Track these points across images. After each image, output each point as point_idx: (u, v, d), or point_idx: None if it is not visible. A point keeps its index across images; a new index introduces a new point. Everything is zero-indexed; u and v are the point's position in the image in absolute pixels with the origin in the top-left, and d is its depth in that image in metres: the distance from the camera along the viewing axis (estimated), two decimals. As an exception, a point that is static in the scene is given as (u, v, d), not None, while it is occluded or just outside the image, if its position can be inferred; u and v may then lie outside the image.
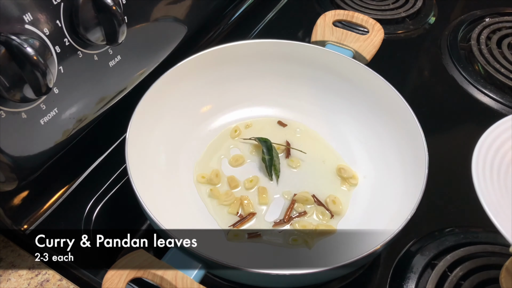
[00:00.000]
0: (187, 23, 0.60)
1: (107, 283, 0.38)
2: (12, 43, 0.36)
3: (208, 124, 0.61)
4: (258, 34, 0.76)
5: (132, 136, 0.49)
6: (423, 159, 0.48)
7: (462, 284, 0.46)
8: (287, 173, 0.56)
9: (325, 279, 0.47)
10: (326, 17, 0.65)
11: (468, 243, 0.49)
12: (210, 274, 0.45)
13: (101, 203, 0.53)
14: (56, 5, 0.41)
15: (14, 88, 0.37)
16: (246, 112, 0.62)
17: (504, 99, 0.65)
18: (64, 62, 0.43)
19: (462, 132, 0.65)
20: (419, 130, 0.50)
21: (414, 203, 0.44)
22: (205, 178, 0.55)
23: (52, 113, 0.44)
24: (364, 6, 0.80)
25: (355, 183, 0.55)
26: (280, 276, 0.40)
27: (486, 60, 0.69)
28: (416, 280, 0.47)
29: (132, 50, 0.52)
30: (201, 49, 0.58)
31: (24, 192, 0.48)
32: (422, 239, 0.51)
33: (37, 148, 0.45)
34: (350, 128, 0.59)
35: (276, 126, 0.62)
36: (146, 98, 0.52)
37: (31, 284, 0.46)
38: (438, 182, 0.48)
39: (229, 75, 0.61)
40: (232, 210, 0.52)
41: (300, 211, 0.53)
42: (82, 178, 0.54)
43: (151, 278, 0.39)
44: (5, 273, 0.46)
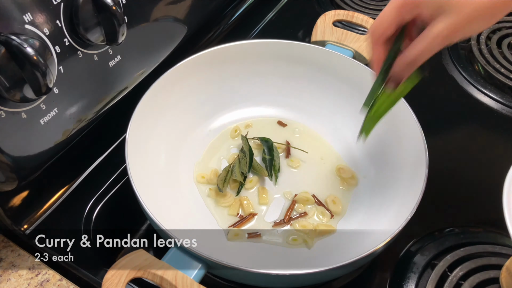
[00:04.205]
0: (187, 23, 0.60)
1: (107, 283, 0.38)
2: (12, 43, 0.36)
3: (208, 124, 0.61)
4: (258, 34, 0.76)
5: (132, 136, 0.49)
6: (423, 159, 0.48)
7: (462, 284, 0.46)
8: (287, 173, 0.56)
9: (325, 279, 0.47)
10: (326, 17, 0.65)
11: (468, 243, 0.49)
12: (210, 274, 0.45)
13: (101, 203, 0.53)
14: (56, 5, 0.41)
15: (14, 88, 0.37)
16: (246, 112, 0.62)
17: (504, 99, 0.65)
18: (64, 62, 0.43)
19: (462, 132, 0.65)
20: (419, 130, 0.50)
21: (414, 203, 0.44)
22: (205, 178, 0.55)
23: (52, 113, 0.44)
24: (364, 6, 0.79)
25: (355, 183, 0.55)
26: (280, 276, 0.40)
27: (486, 60, 0.69)
28: (416, 280, 0.47)
29: (132, 50, 0.52)
30: (201, 49, 0.58)
31: (24, 192, 0.48)
32: (422, 239, 0.51)
33: (37, 148, 0.45)
34: (350, 128, 0.59)
35: (276, 126, 0.62)
36: (146, 98, 0.52)
37: (31, 284, 0.46)
38: (438, 182, 0.48)
39: (229, 75, 0.61)
40: (232, 211, 0.52)
41: (300, 211, 0.53)
42: (82, 178, 0.54)
43: (151, 278, 0.39)
44: (5, 273, 0.46)
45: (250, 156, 0.55)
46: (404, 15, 0.39)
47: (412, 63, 0.39)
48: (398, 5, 0.39)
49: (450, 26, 0.36)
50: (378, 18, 0.40)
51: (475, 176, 0.41)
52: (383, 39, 0.41)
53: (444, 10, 0.36)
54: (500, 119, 0.64)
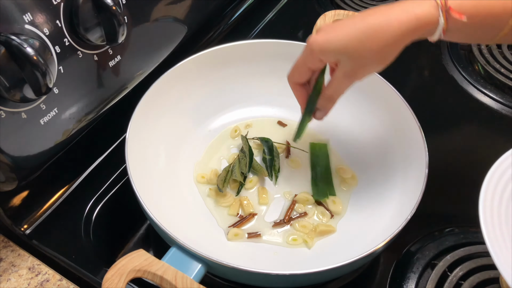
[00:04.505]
0: (187, 23, 0.60)
1: (107, 283, 0.38)
2: (12, 43, 0.36)
3: (208, 124, 0.61)
4: (258, 34, 0.76)
5: (132, 136, 0.49)
6: (423, 159, 0.48)
7: (462, 284, 0.46)
8: (287, 173, 0.56)
9: (325, 279, 0.47)
10: (326, 17, 0.65)
11: (468, 243, 0.49)
12: (210, 274, 0.45)
13: (101, 203, 0.53)
14: (56, 5, 0.41)
15: (14, 88, 0.37)
16: (246, 112, 0.62)
17: (504, 99, 0.65)
18: (64, 62, 0.43)
19: (462, 132, 0.65)
20: (419, 130, 0.50)
21: (414, 203, 0.44)
22: (205, 178, 0.55)
23: (52, 113, 0.44)
24: (364, 6, 0.79)
25: (355, 183, 0.55)
26: (280, 276, 0.40)
27: (486, 60, 0.69)
28: (416, 280, 0.47)
29: (132, 50, 0.52)
30: (201, 49, 0.58)
31: (24, 192, 0.48)
32: (422, 239, 0.51)
33: (37, 148, 0.45)
34: (350, 128, 0.59)
35: (276, 126, 0.62)
36: (146, 98, 0.52)
37: (31, 284, 0.46)
38: (438, 182, 0.48)
39: (229, 75, 0.61)
40: (232, 211, 0.52)
41: (300, 212, 0.53)
42: (82, 178, 0.54)
43: (151, 278, 0.39)
44: (5, 273, 0.46)
45: (250, 156, 0.55)
46: (311, 66, 0.45)
47: (331, 99, 0.46)
48: (305, 60, 0.45)
49: (350, 70, 0.42)
50: (292, 69, 0.47)
51: (475, 176, 0.41)
52: (299, 84, 0.48)
53: (342, 58, 0.42)
54: (500, 119, 0.64)
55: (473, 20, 0.40)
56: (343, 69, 0.42)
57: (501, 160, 0.41)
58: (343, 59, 0.42)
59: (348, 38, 0.41)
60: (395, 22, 0.39)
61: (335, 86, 0.45)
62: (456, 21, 0.40)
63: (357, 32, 0.40)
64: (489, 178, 0.40)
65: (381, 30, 0.40)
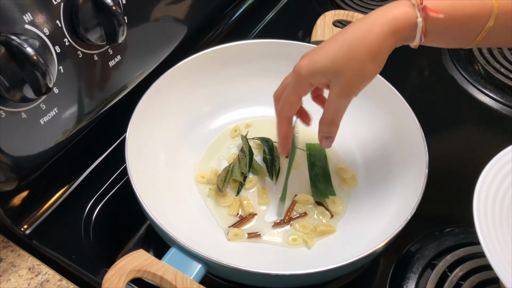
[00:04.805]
0: (187, 23, 0.60)
1: (107, 283, 0.38)
2: (12, 43, 0.36)
3: (208, 124, 0.61)
4: (258, 34, 0.76)
5: (132, 136, 0.49)
6: (423, 159, 0.48)
7: (462, 284, 0.46)
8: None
9: (325, 279, 0.47)
10: (326, 17, 0.65)
11: (468, 243, 0.49)
12: (210, 274, 0.45)
13: (101, 203, 0.53)
14: (56, 5, 0.41)
15: (14, 88, 0.37)
16: (246, 112, 0.62)
17: (504, 99, 0.65)
18: (64, 62, 0.43)
19: (462, 132, 0.65)
20: (419, 130, 0.50)
21: (414, 203, 0.44)
22: (205, 178, 0.55)
23: (52, 113, 0.44)
24: (364, 6, 0.79)
25: (355, 183, 0.55)
26: (280, 276, 0.40)
27: (486, 60, 0.69)
28: (416, 280, 0.47)
29: (132, 50, 0.52)
30: (201, 49, 0.58)
31: (24, 192, 0.48)
32: (422, 239, 0.51)
33: (37, 148, 0.45)
34: (350, 128, 0.59)
35: (276, 126, 0.61)
36: (146, 98, 0.52)
37: (31, 284, 0.46)
38: (438, 182, 0.48)
39: (229, 75, 0.61)
40: (232, 211, 0.52)
41: (300, 212, 0.53)
42: (82, 178, 0.54)
43: (151, 278, 0.39)
44: (5, 273, 0.46)
45: (250, 156, 0.55)
46: (302, 94, 0.45)
47: (333, 123, 0.45)
48: (295, 89, 0.44)
49: (343, 87, 0.42)
50: (282, 103, 0.47)
51: (475, 176, 0.41)
52: (289, 118, 0.48)
53: (333, 76, 0.41)
54: (500, 119, 0.64)
55: (451, 21, 0.40)
56: (336, 87, 0.42)
57: (495, 160, 0.41)
58: (333, 77, 0.41)
59: (333, 54, 0.41)
60: (375, 26, 0.40)
61: (333, 108, 0.44)
62: (435, 22, 0.40)
63: (341, 46, 0.41)
64: (482, 180, 0.40)
65: (363, 38, 0.40)
